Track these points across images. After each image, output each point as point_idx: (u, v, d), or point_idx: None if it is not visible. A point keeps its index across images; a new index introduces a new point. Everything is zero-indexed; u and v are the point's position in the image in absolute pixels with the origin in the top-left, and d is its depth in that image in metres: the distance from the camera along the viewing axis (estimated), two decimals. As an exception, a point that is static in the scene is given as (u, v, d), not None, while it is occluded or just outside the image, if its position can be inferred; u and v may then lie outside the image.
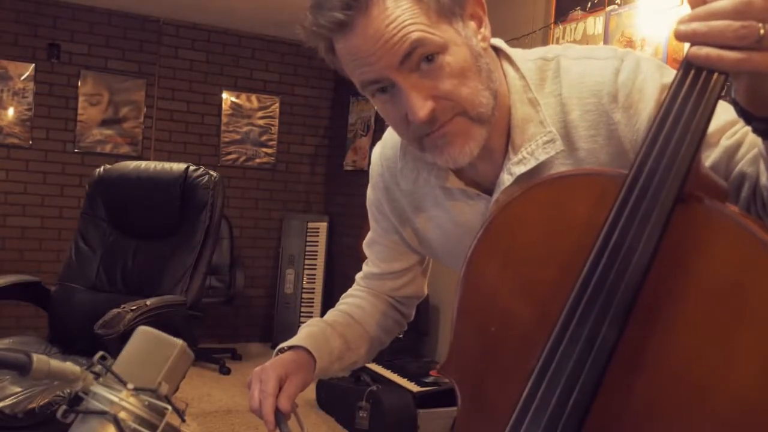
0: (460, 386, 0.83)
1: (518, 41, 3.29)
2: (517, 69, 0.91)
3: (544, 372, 0.68)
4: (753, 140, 0.77)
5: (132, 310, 2.16)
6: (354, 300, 1.20)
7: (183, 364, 0.68)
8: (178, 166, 2.83)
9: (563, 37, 3.16)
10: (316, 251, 5.33)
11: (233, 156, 5.31)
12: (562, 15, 3.18)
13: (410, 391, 3.39)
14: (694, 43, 0.63)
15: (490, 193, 0.94)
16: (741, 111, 0.70)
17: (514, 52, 0.93)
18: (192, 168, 2.82)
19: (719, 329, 0.63)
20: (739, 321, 0.62)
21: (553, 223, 0.76)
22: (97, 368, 0.64)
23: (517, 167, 0.89)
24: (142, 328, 0.70)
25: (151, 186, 2.82)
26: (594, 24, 3.00)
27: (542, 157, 0.88)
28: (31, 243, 4.77)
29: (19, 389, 2.13)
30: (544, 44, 1.27)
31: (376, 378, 3.59)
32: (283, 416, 0.96)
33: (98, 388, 0.64)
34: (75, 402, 0.63)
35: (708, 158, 0.80)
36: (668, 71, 0.85)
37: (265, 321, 5.44)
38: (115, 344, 1.99)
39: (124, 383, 0.64)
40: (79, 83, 4.85)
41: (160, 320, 2.26)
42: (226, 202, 3.12)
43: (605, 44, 2.90)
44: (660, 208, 0.64)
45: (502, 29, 1.08)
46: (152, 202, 2.80)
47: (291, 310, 5.26)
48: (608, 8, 2.92)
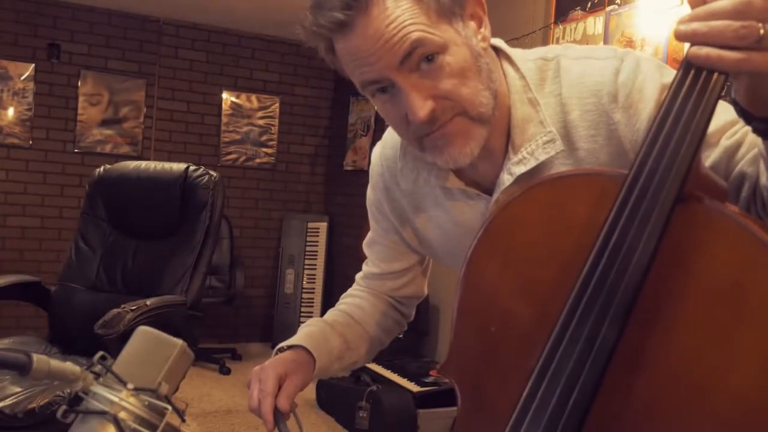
0: (460, 386, 0.83)
1: (518, 41, 3.29)
2: (517, 69, 0.92)
3: (544, 372, 0.68)
4: (753, 140, 0.77)
5: (132, 310, 2.16)
6: (354, 300, 1.20)
7: (183, 364, 0.68)
8: (178, 166, 2.84)
9: (563, 37, 3.16)
10: (316, 251, 5.33)
11: (233, 156, 5.31)
12: (562, 15, 3.18)
13: (410, 391, 3.39)
14: (694, 43, 0.63)
15: (490, 193, 0.94)
16: (741, 111, 0.70)
17: (514, 52, 0.94)
18: (192, 168, 2.82)
19: (719, 329, 0.63)
20: (739, 321, 0.62)
21: (553, 223, 0.76)
22: (97, 368, 0.64)
23: (517, 167, 0.89)
24: (142, 328, 0.70)
25: (151, 186, 2.82)
26: (594, 24, 3.00)
27: (542, 157, 0.88)
28: (31, 243, 4.77)
29: (19, 389, 2.13)
30: (544, 44, 1.27)
31: (376, 378, 3.59)
32: (282, 416, 0.96)
33: (98, 388, 0.64)
34: (75, 402, 0.63)
35: (708, 158, 0.80)
36: (668, 71, 0.85)
37: (265, 321, 5.45)
38: (115, 344, 1.99)
39: (124, 383, 0.64)
40: (79, 83, 4.85)
41: (160, 320, 2.26)
42: (226, 202, 3.12)
43: (605, 44, 2.90)
44: (660, 208, 0.65)
45: (502, 29, 1.08)
46: (152, 202, 2.80)
47: (291, 310, 5.26)
48: (608, 8, 2.92)
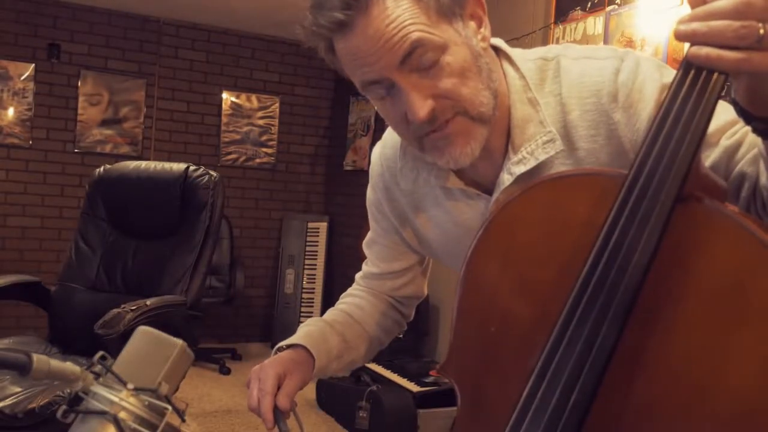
0: (459, 386, 0.83)
1: (518, 41, 3.29)
2: (516, 69, 0.92)
3: (544, 372, 0.68)
4: (753, 140, 0.77)
5: (132, 310, 2.16)
6: (353, 300, 1.20)
7: (183, 364, 0.68)
8: (178, 166, 2.83)
9: (563, 37, 3.16)
10: (316, 251, 5.33)
11: (233, 156, 5.31)
12: (562, 15, 3.18)
13: (410, 391, 3.38)
14: (694, 43, 0.63)
15: (490, 192, 0.94)
16: (741, 111, 0.70)
17: (514, 52, 0.94)
18: (192, 168, 2.82)
19: (719, 329, 0.63)
20: (739, 321, 0.62)
21: (553, 223, 0.76)
22: (97, 368, 0.64)
23: (517, 167, 0.89)
24: (142, 328, 0.70)
25: (151, 186, 2.82)
26: (594, 24, 3.00)
27: (542, 157, 0.88)
28: (31, 243, 4.77)
29: (19, 389, 2.13)
30: (544, 44, 1.27)
31: (376, 378, 3.59)
32: (281, 415, 0.96)
33: (98, 388, 0.64)
34: (75, 402, 0.63)
35: (708, 158, 0.80)
36: (668, 71, 0.85)
37: (265, 321, 5.45)
38: (115, 344, 1.99)
39: (124, 383, 0.64)
40: (79, 83, 4.85)
41: (160, 320, 2.26)
42: (226, 202, 3.12)
43: (605, 44, 2.90)
44: (660, 208, 0.64)
45: (502, 29, 1.08)
46: (152, 202, 2.80)
47: (291, 310, 5.26)
48: (608, 8, 2.92)
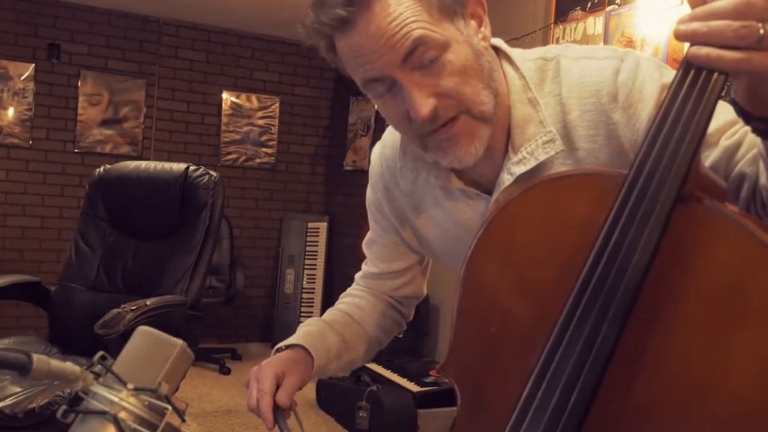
0: (459, 386, 0.83)
1: (518, 41, 3.29)
2: (516, 69, 0.92)
3: (544, 372, 0.68)
4: (753, 140, 0.77)
5: (132, 310, 2.16)
6: (353, 299, 1.20)
7: (183, 364, 0.68)
8: (178, 166, 2.83)
9: (563, 37, 3.16)
10: (316, 251, 5.33)
11: (233, 156, 5.31)
12: (562, 15, 3.18)
13: (410, 391, 3.38)
14: (694, 43, 0.63)
15: (490, 192, 0.94)
16: (741, 111, 0.70)
17: (514, 52, 0.94)
18: (192, 168, 2.82)
19: (719, 329, 0.63)
20: (739, 321, 0.62)
21: (553, 223, 0.76)
22: (97, 368, 0.64)
23: (517, 167, 0.89)
24: (142, 328, 0.70)
25: (151, 186, 2.82)
26: (594, 24, 3.00)
27: (542, 157, 0.88)
28: (31, 243, 4.77)
29: (19, 389, 2.13)
30: (544, 44, 1.27)
31: (376, 378, 3.59)
32: (281, 414, 0.96)
33: (98, 388, 0.64)
34: (75, 402, 0.63)
35: (708, 158, 0.80)
36: (668, 71, 0.85)
37: (265, 321, 5.45)
38: (115, 344, 1.99)
39: (124, 383, 0.64)
40: (79, 83, 4.85)
41: (160, 320, 2.26)
42: (226, 202, 3.12)
43: (605, 44, 2.90)
44: (660, 208, 0.64)
45: (502, 29, 1.08)
46: (152, 202, 2.80)
47: (291, 310, 5.26)
48: (608, 8, 2.92)
